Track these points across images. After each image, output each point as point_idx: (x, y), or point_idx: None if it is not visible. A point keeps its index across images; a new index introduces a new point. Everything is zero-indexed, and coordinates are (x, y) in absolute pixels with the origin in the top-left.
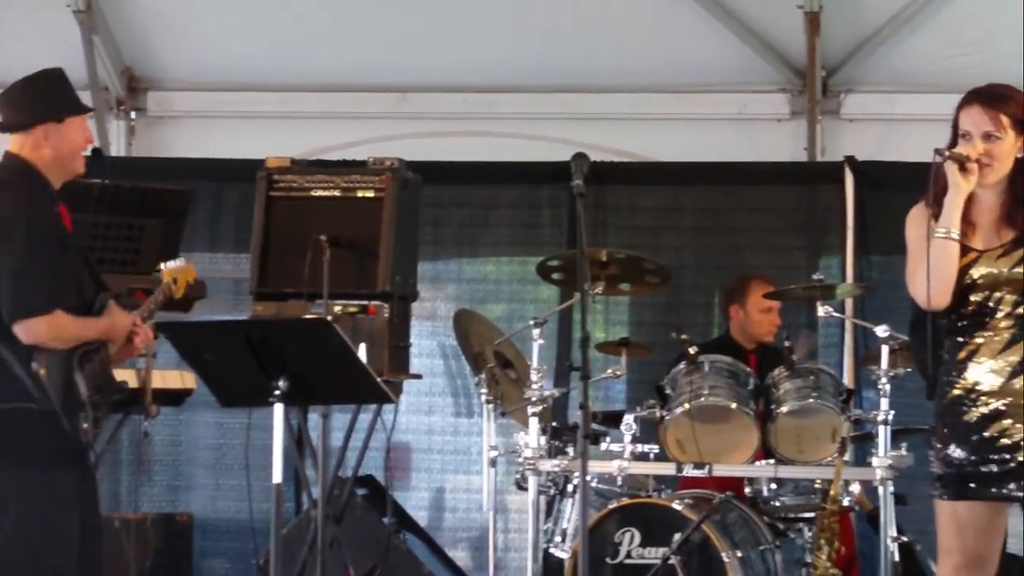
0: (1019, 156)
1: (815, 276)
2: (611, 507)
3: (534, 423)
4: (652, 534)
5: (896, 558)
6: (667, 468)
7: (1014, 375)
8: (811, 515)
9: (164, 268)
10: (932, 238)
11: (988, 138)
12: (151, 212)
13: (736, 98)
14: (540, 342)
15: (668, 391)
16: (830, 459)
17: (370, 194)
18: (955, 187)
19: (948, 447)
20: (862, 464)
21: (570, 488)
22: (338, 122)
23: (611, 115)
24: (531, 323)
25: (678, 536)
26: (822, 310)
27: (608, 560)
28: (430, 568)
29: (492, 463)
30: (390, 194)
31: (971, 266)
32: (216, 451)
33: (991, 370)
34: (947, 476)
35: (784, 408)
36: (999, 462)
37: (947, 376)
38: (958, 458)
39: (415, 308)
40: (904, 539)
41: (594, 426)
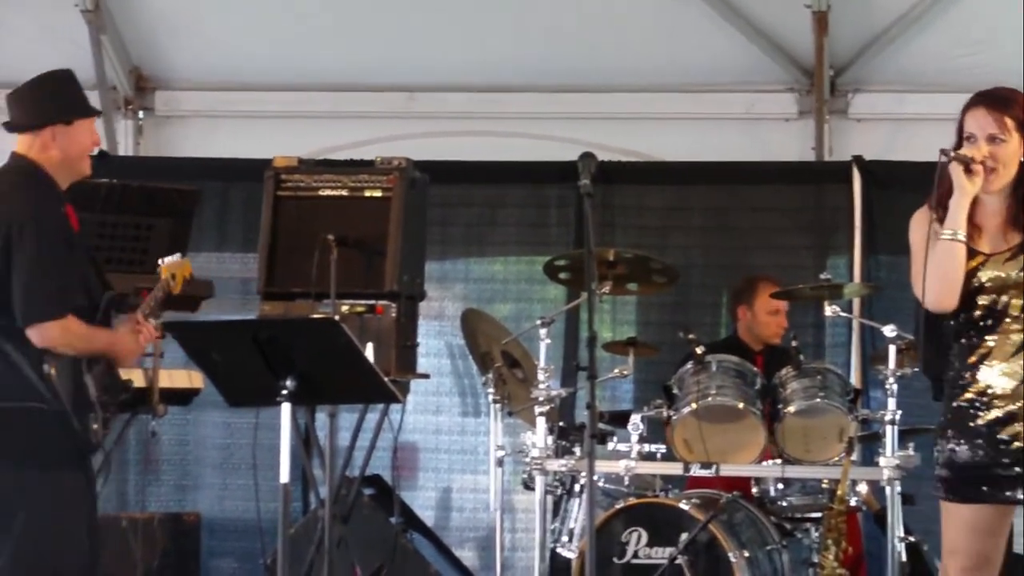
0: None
1: (822, 276)
2: (618, 507)
3: (541, 423)
4: (659, 534)
5: (903, 558)
6: (674, 468)
7: None
8: (818, 515)
9: (161, 264)
10: (938, 240)
11: (993, 140)
12: (159, 211)
13: (744, 98)
14: (547, 342)
15: (675, 391)
16: (837, 459)
17: (378, 194)
18: (960, 189)
19: (956, 449)
20: (869, 464)
21: (577, 488)
22: (345, 122)
23: (618, 115)
24: (538, 323)
25: (685, 536)
26: (829, 310)
27: (615, 560)
28: (437, 567)
29: (499, 463)
30: (398, 194)
31: (978, 269)
32: (223, 451)
33: (1003, 373)
34: (955, 478)
35: (791, 408)
36: (1012, 465)
37: (957, 379)
38: (967, 461)
39: (422, 308)
40: (911, 539)
41: (601, 426)
